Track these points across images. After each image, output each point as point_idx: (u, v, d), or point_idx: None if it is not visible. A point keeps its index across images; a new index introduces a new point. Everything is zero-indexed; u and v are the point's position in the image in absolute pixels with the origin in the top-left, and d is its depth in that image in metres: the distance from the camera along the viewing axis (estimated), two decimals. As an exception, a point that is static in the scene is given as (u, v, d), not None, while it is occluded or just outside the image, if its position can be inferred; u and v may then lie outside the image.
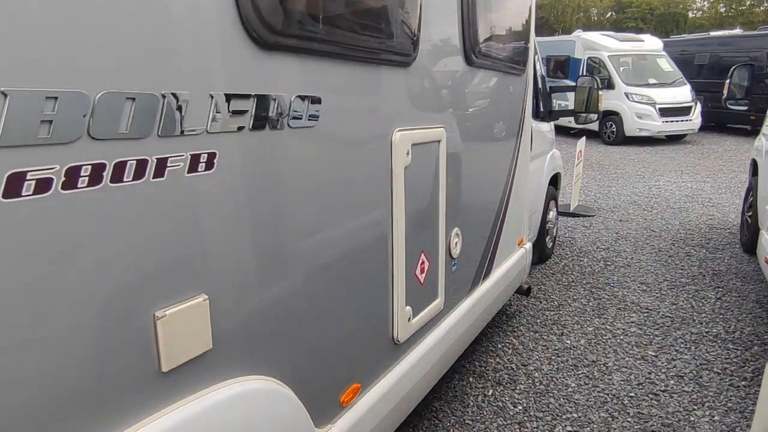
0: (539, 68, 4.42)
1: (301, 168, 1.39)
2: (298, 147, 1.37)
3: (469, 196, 2.54)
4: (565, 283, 4.48)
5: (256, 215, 1.26)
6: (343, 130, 1.54)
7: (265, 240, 1.29)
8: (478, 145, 2.56)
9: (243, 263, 1.23)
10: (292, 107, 1.33)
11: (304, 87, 1.36)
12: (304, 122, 1.38)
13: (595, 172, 9.60)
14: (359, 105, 1.60)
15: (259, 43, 1.20)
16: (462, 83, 2.32)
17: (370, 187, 1.71)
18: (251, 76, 1.20)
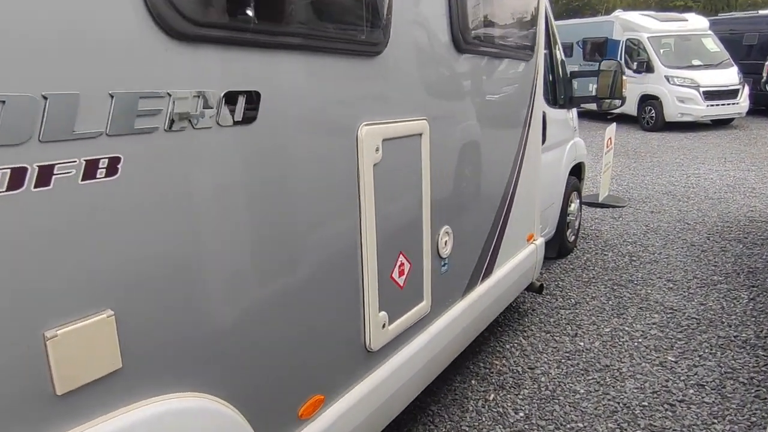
0: (558, 52, 4.16)
1: (235, 170, 1.28)
2: (231, 148, 1.26)
3: (461, 192, 2.38)
4: (585, 279, 4.25)
5: (176, 223, 1.16)
6: (292, 128, 1.42)
7: (187, 249, 1.19)
8: (473, 137, 2.39)
9: (159, 275, 1.14)
10: (222, 104, 1.22)
11: (236, 82, 1.25)
12: (239, 120, 1.26)
13: (630, 160, 9.15)
14: (312, 100, 1.47)
15: (173, 34, 1.09)
16: (450, 71, 2.16)
17: (331, 188, 1.58)
18: (164, 72, 1.10)
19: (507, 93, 2.75)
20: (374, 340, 1.84)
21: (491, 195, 2.69)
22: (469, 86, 2.32)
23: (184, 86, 1.13)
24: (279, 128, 1.38)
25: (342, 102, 1.59)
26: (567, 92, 4.15)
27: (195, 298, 1.22)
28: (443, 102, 2.12)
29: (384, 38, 1.70)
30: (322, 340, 1.64)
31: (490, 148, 2.59)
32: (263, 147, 1.34)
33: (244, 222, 1.32)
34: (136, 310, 1.10)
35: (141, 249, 1.09)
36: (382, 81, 1.75)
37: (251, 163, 1.32)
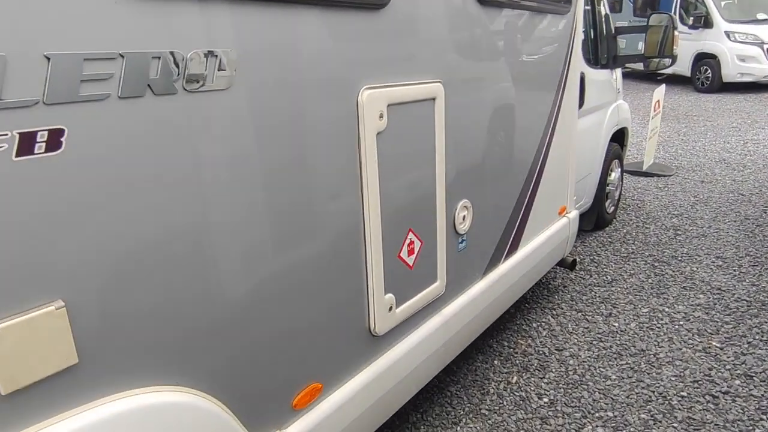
0: (602, 5, 3.79)
1: (206, 143, 1.13)
2: (200, 117, 1.11)
3: (483, 162, 2.17)
4: (624, 254, 3.98)
5: (142, 203, 1.03)
6: (276, 94, 1.26)
7: (156, 229, 1.07)
8: (496, 101, 2.16)
9: (121, 260, 1.02)
10: (189, 66, 1.06)
11: (207, 40, 1.09)
12: (210, 84, 1.11)
13: (680, 124, 8.55)
14: (301, 60, 1.30)
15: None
16: (470, 26, 1.93)
17: (327, 160, 1.43)
18: (115, 29, 0.95)
19: (538, 51, 2.48)
20: (379, 324, 1.71)
21: (518, 165, 2.47)
22: (492, 43, 2.08)
23: (140, 46, 0.98)
24: (260, 94, 1.22)
25: (338, 63, 1.41)
26: (610, 51, 3.80)
27: (166, 281, 1.10)
28: (461, 62, 1.90)
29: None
30: (321, 323, 1.52)
31: (517, 113, 2.36)
32: (242, 116, 1.19)
33: (220, 200, 1.18)
34: (92, 300, 0.99)
35: (96, 232, 0.97)
36: (386, 38, 1.55)
37: (227, 135, 1.17)
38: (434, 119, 1.79)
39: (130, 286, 1.04)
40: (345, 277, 1.58)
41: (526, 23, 2.30)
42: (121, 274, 1.02)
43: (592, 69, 3.59)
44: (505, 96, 2.24)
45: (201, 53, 1.08)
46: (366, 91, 1.49)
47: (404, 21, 1.60)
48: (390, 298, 1.74)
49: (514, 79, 2.27)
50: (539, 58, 2.50)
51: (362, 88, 1.48)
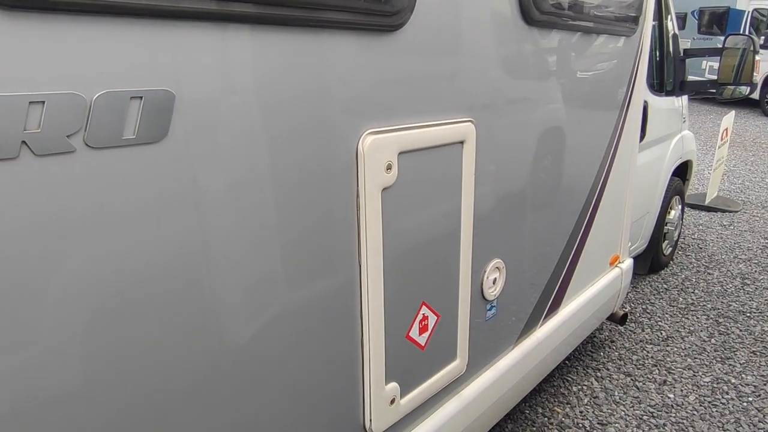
0: (671, 24, 3.33)
1: (122, 215, 0.81)
2: (114, 180, 0.79)
3: (521, 214, 1.79)
4: (682, 305, 3.49)
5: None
6: (230, 143, 0.93)
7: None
8: (540, 141, 1.78)
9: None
10: (95, 115, 0.75)
11: (125, 77, 0.77)
12: (131, 138, 0.79)
13: (748, 152, 7.83)
14: (268, 97, 0.97)
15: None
16: (514, 51, 1.56)
17: (306, 227, 1.09)
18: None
19: (596, 80, 2.08)
20: (377, 421, 1.36)
21: (564, 213, 2.07)
22: (540, 72, 1.70)
23: (10, 87, 0.67)
24: (209, 146, 0.89)
25: (330, 100, 1.07)
26: (678, 75, 3.33)
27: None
28: (499, 95, 1.53)
29: (406, 3, 1.15)
30: (303, 421, 1.18)
31: (568, 153, 1.96)
32: (176, 174, 0.87)
33: (162, 296, 0.86)
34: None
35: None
36: (401, 67, 1.20)
37: (154, 205, 0.85)
38: (462, 167, 1.43)
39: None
40: (334, 365, 1.24)
41: (582, 47, 1.90)
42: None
43: (656, 96, 3.13)
44: (553, 133, 1.85)
45: (115, 95, 0.76)
46: (369, 136, 1.14)
47: (426, 46, 1.25)
48: (393, 389, 1.39)
49: (564, 113, 1.88)
50: (596, 87, 2.10)
51: (364, 133, 1.14)
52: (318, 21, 0.99)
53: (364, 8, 1.08)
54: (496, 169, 1.59)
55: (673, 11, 3.45)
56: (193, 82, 0.85)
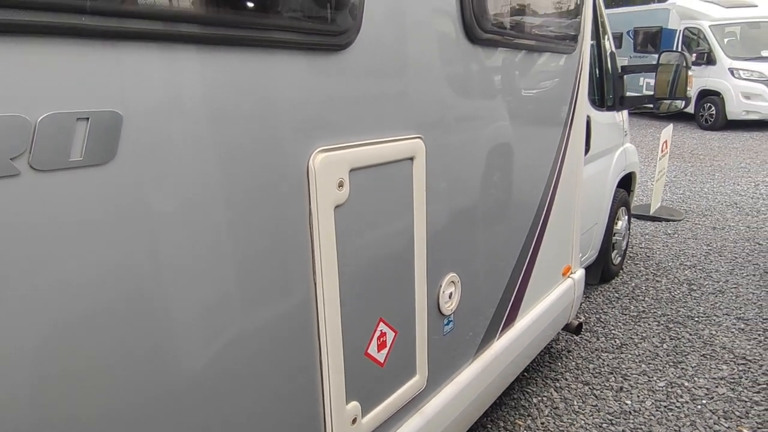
0: (607, 43, 3.52)
1: (66, 236, 0.79)
2: (60, 202, 0.77)
3: (474, 227, 1.83)
4: (633, 313, 3.61)
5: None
6: (178, 168, 0.92)
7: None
8: (489, 156, 1.84)
9: None
10: (40, 136, 0.73)
11: (71, 98, 0.76)
12: (78, 159, 0.78)
13: (687, 163, 8.27)
14: (222, 118, 0.97)
15: None
16: (459, 69, 1.61)
17: (258, 248, 1.08)
18: None
19: (540, 96, 2.17)
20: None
21: (516, 225, 2.13)
22: (485, 89, 1.76)
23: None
24: (156, 166, 0.88)
25: (278, 119, 1.08)
26: (617, 91, 3.51)
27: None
28: (447, 112, 1.58)
29: (351, 24, 1.18)
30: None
31: (516, 167, 2.03)
32: (129, 198, 0.85)
33: (110, 313, 0.84)
34: None
35: None
36: (349, 86, 1.23)
37: (105, 228, 0.83)
38: (413, 183, 1.45)
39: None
40: (292, 387, 1.22)
41: (525, 64, 1.99)
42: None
43: (598, 111, 3.29)
44: (501, 149, 1.91)
45: (60, 117, 0.75)
46: (320, 154, 1.16)
47: (373, 65, 1.28)
48: (354, 408, 1.38)
49: (511, 129, 1.95)
50: (540, 103, 2.19)
51: (314, 151, 1.15)
52: (265, 41, 1.01)
53: (310, 28, 1.10)
54: (446, 185, 1.63)
55: (609, 31, 3.66)
56: (140, 102, 0.84)
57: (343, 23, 1.16)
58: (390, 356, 1.49)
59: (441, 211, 1.62)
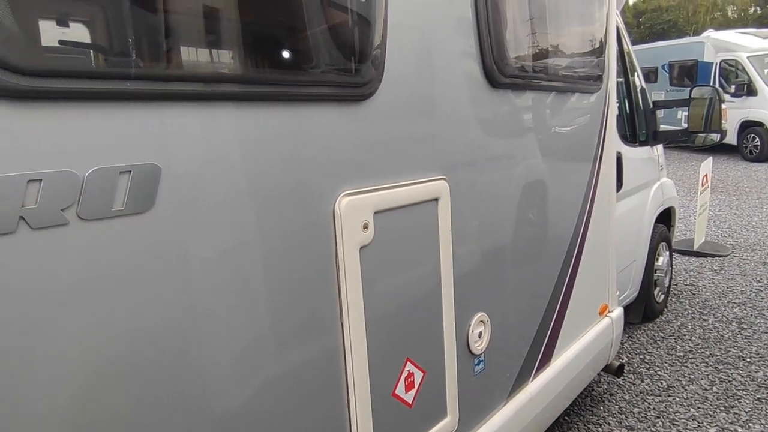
0: (637, 79, 3.53)
1: (111, 281, 0.86)
2: (105, 249, 0.85)
3: (502, 265, 1.84)
4: (680, 353, 3.46)
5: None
6: (215, 209, 0.99)
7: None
8: (515, 194, 1.86)
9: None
10: (87, 189, 0.81)
11: (115, 153, 0.85)
12: (120, 209, 0.86)
13: (731, 196, 7.99)
14: (253, 168, 1.04)
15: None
16: (481, 113, 1.66)
17: (288, 287, 1.13)
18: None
19: (565, 135, 2.19)
20: (368, 485, 1.34)
21: (546, 265, 2.12)
22: (508, 130, 1.81)
23: (10, 167, 0.74)
24: (193, 213, 0.96)
25: (306, 167, 1.14)
26: (649, 126, 3.49)
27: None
28: (470, 153, 1.63)
29: (374, 74, 1.26)
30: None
31: (543, 205, 2.04)
32: (168, 243, 0.92)
33: (140, 355, 0.90)
34: None
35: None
36: (373, 132, 1.29)
37: (144, 271, 0.90)
38: (438, 223, 1.49)
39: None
40: (319, 429, 1.24)
41: (548, 105, 2.03)
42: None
43: (629, 147, 3.27)
44: (528, 188, 1.93)
45: (106, 171, 0.83)
46: (345, 198, 1.21)
47: (395, 112, 1.35)
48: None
49: (536, 169, 1.98)
50: (567, 141, 2.21)
51: (340, 195, 1.21)
52: (295, 96, 1.09)
53: (336, 81, 1.18)
54: (472, 224, 1.65)
55: (638, 67, 3.67)
56: (178, 155, 0.92)
57: (366, 74, 1.23)
58: (419, 397, 1.49)
59: (468, 251, 1.64)
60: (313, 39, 1.13)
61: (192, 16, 0.93)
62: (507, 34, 1.71)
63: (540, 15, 1.95)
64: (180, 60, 0.92)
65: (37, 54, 0.76)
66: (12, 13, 0.71)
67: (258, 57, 1.04)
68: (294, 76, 1.09)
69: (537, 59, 1.91)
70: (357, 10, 1.21)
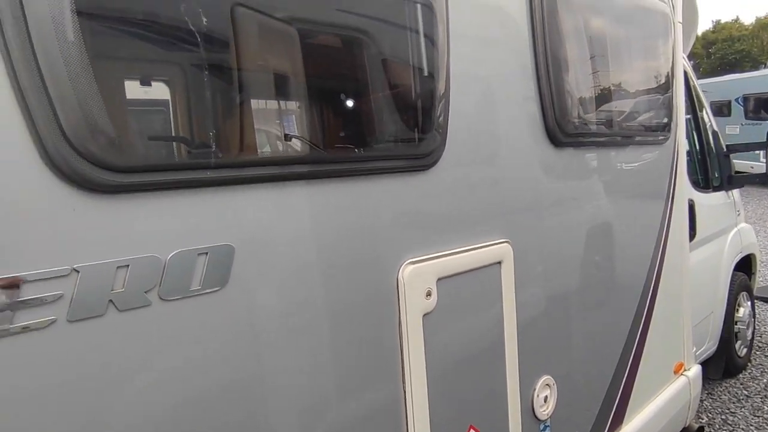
0: (708, 123, 3.38)
1: (188, 355, 0.91)
2: (183, 326, 0.90)
3: (568, 327, 1.78)
4: (767, 414, 3.17)
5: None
6: (284, 282, 1.03)
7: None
8: (581, 252, 1.81)
9: None
10: (169, 271, 0.87)
11: (193, 237, 0.90)
12: (197, 288, 0.91)
13: (821, 237, 7.37)
14: (320, 241, 1.08)
15: (88, 185, 0.79)
16: (544, 173, 1.65)
17: (352, 354, 1.15)
18: (71, 240, 0.78)
19: (632, 188, 2.12)
20: None
21: (614, 324, 2.03)
22: (573, 189, 1.77)
23: (102, 255, 0.81)
24: (264, 286, 1.00)
25: (371, 237, 1.17)
26: (723, 170, 3.31)
27: None
28: (534, 214, 1.61)
29: (438, 143, 1.28)
30: None
31: (609, 264, 1.97)
32: (240, 316, 0.97)
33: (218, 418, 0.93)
34: None
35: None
36: (435, 200, 1.31)
37: (219, 342, 0.94)
38: (501, 287, 1.47)
39: None
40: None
41: (613, 160, 1.98)
42: None
43: (702, 193, 3.11)
44: (594, 246, 1.88)
45: (185, 254, 0.89)
46: (408, 266, 1.23)
47: (458, 177, 1.36)
48: None
49: (603, 226, 1.92)
50: (634, 195, 2.14)
51: (404, 263, 1.23)
52: (361, 171, 1.13)
53: (399, 154, 1.21)
54: (537, 285, 1.62)
55: (708, 107, 3.51)
56: (250, 234, 0.97)
57: (430, 144, 1.26)
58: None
59: (532, 313, 1.60)
60: (378, 116, 1.17)
61: (264, 107, 0.99)
62: (568, 92, 1.70)
63: (602, 68, 1.93)
64: (254, 147, 0.98)
65: (126, 153, 0.83)
66: (107, 119, 0.79)
67: (325, 138, 1.09)
68: (360, 152, 1.13)
69: (601, 114, 1.89)
70: (420, 82, 1.25)
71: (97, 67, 0.77)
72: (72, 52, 0.74)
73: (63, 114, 0.74)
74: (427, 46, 1.27)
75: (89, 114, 0.76)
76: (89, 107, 0.76)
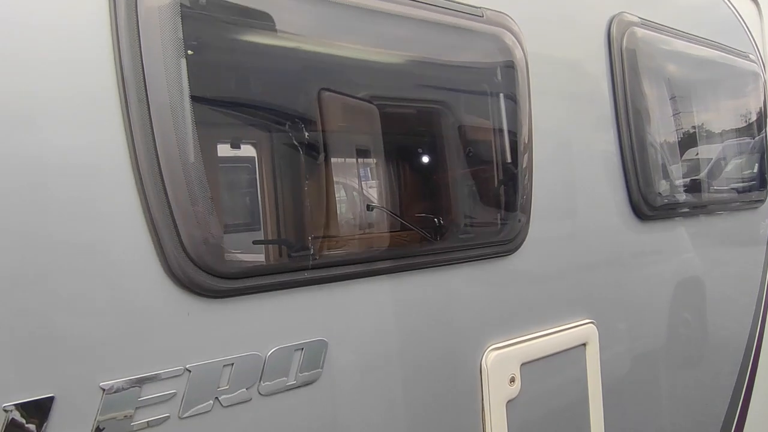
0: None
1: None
2: (278, 420, 0.94)
3: (658, 407, 1.68)
4: None
5: None
6: (370, 378, 1.05)
7: None
8: (669, 329, 1.71)
9: None
10: (268, 368, 0.92)
11: (290, 334, 0.96)
12: (292, 382, 0.95)
13: None
14: (401, 331, 1.10)
15: (200, 291, 0.86)
16: (630, 248, 1.60)
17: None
18: (184, 341, 0.85)
19: (726, 257, 2.01)
20: None
21: (709, 400, 1.89)
22: (660, 264, 1.70)
23: (210, 354, 0.87)
24: (353, 378, 1.03)
25: (456, 325, 1.18)
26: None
27: None
28: (620, 292, 1.55)
29: (521, 226, 1.28)
30: None
31: (703, 338, 1.86)
32: (328, 410, 1.00)
33: None
34: None
35: None
36: (518, 284, 1.30)
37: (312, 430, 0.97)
38: (587, 369, 1.42)
39: None
40: None
41: (703, 231, 1.88)
42: None
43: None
44: (683, 317, 1.78)
45: (283, 351, 0.94)
46: (492, 352, 1.22)
47: (541, 260, 1.35)
48: None
49: (695, 299, 1.82)
50: (728, 262, 2.01)
51: (487, 349, 1.22)
52: (445, 261, 1.15)
53: (483, 242, 1.22)
54: (624, 366, 1.55)
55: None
56: (341, 328, 1.01)
57: (514, 229, 1.27)
58: None
59: (619, 395, 1.53)
60: (463, 208, 1.20)
61: (353, 209, 1.05)
62: (653, 163, 1.66)
63: (689, 131, 1.87)
64: (345, 246, 1.03)
65: (233, 260, 0.90)
66: (220, 232, 0.86)
67: (410, 233, 1.13)
68: (444, 244, 1.16)
69: (688, 183, 1.81)
70: (503, 172, 1.27)
71: (213, 186, 0.85)
72: (192, 175, 0.83)
73: (184, 230, 0.82)
74: (510, 125, 1.29)
75: (206, 229, 0.84)
76: (206, 223, 0.84)
